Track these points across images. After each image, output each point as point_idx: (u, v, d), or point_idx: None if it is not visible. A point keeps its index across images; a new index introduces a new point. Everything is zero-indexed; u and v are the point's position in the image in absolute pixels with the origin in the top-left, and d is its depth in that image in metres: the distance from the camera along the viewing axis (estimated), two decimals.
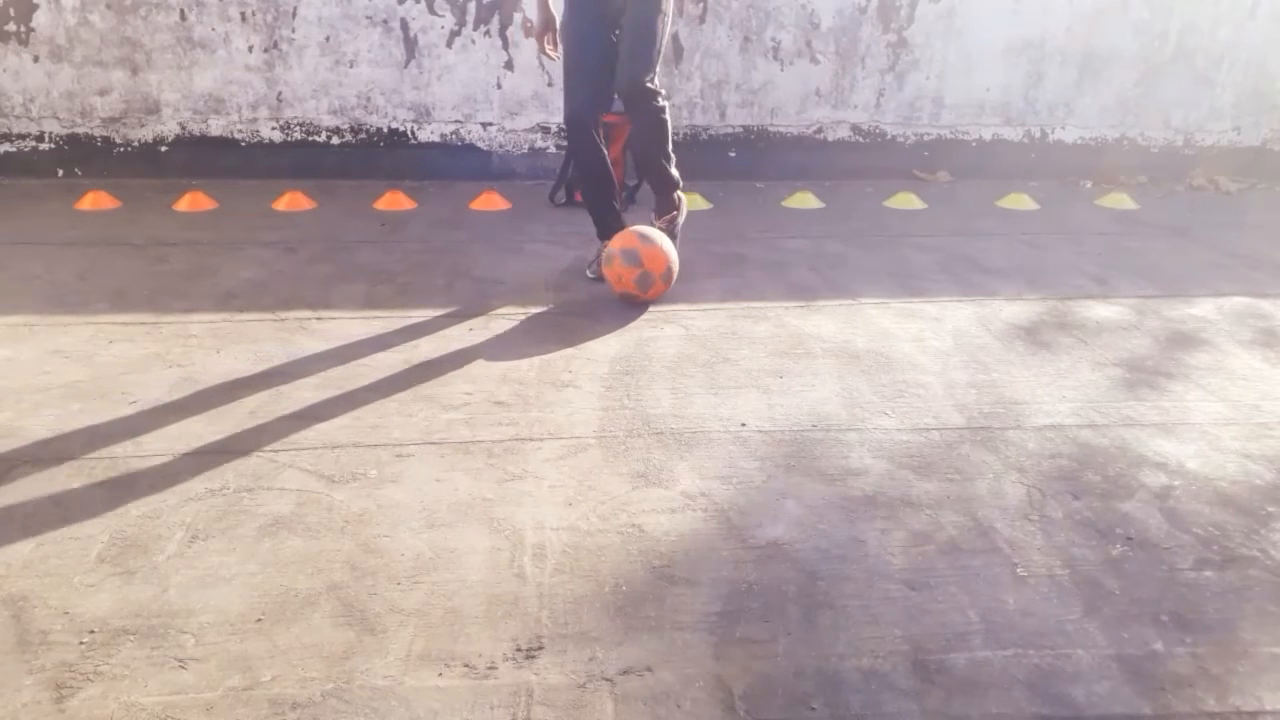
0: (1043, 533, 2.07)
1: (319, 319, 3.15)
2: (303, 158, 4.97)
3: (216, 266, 3.62)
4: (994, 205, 4.90)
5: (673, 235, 3.48)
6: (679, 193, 3.57)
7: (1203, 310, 3.45)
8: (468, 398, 2.63)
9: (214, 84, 4.85)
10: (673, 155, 3.49)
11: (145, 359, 2.81)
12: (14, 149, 4.84)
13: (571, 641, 1.71)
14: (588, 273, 3.60)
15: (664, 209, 3.56)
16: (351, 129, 5.02)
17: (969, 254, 4.04)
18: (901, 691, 1.62)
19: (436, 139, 5.08)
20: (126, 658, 1.64)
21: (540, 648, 1.69)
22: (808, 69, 5.20)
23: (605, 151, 3.44)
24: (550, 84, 4.99)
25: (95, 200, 4.41)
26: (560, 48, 3.43)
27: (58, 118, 4.82)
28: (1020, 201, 4.91)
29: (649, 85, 3.29)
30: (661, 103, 3.35)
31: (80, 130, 4.86)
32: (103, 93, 4.80)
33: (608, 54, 3.33)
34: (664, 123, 3.40)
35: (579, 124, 3.37)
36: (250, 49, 4.82)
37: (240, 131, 4.95)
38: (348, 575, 1.87)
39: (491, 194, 4.66)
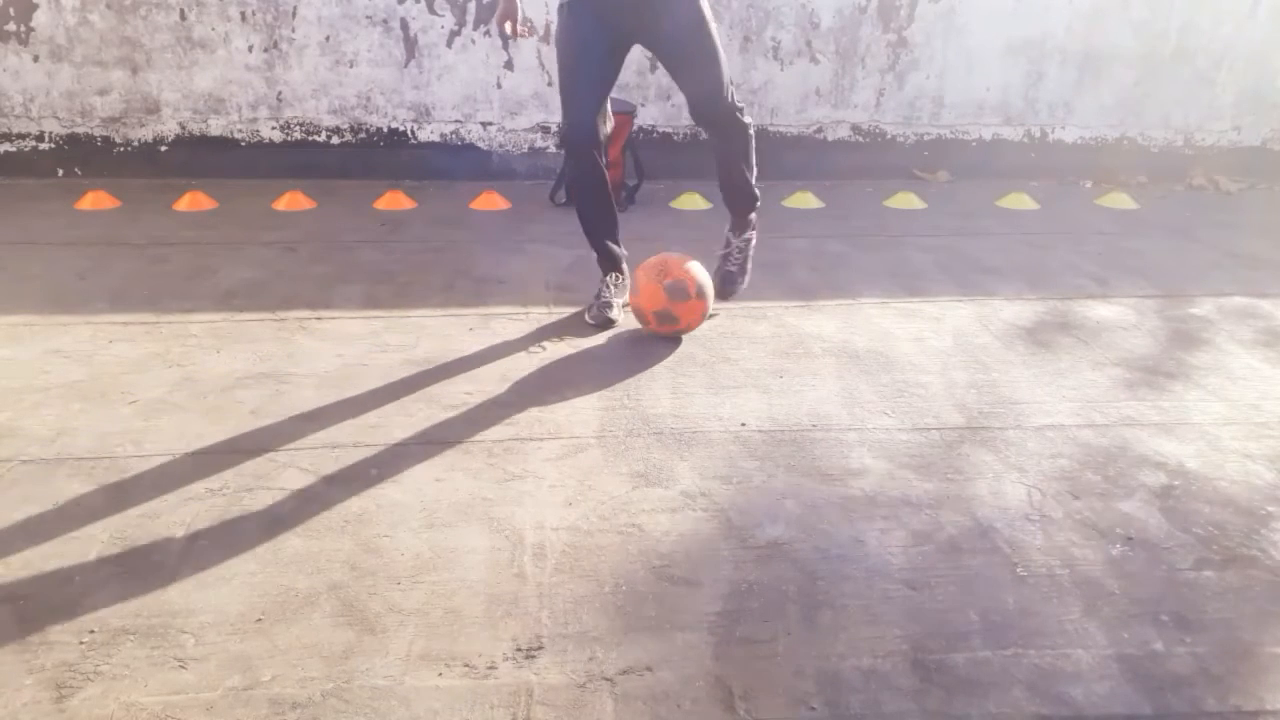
0: (1043, 533, 2.07)
1: (319, 319, 3.15)
2: (303, 158, 4.97)
3: (216, 266, 3.62)
4: (994, 205, 4.89)
5: (745, 260, 3.25)
6: (754, 214, 3.26)
7: (1203, 310, 3.44)
8: (468, 398, 2.63)
9: (214, 84, 4.85)
10: (755, 168, 3.17)
11: (145, 359, 2.81)
12: (14, 149, 4.83)
13: (571, 641, 1.71)
14: (587, 318, 3.19)
15: (740, 228, 3.26)
16: (351, 129, 5.02)
17: (969, 254, 4.04)
18: (901, 691, 1.62)
19: (436, 139, 5.08)
20: (126, 657, 1.64)
21: (540, 648, 1.69)
22: (807, 69, 5.19)
23: (606, 175, 3.13)
24: (550, 83, 4.98)
25: (95, 200, 4.41)
26: (536, 41, 3.13)
27: (57, 117, 4.82)
28: (1020, 201, 4.91)
29: (729, 101, 2.99)
30: (746, 119, 3.06)
31: (80, 130, 4.85)
32: (102, 92, 4.80)
33: (610, 63, 3.09)
34: (750, 138, 3.10)
35: (579, 141, 3.04)
36: (250, 49, 4.81)
37: (240, 131, 4.95)
38: (348, 575, 1.87)
39: (491, 194, 4.66)
